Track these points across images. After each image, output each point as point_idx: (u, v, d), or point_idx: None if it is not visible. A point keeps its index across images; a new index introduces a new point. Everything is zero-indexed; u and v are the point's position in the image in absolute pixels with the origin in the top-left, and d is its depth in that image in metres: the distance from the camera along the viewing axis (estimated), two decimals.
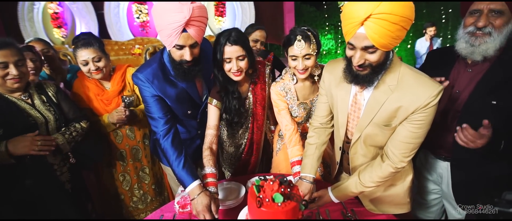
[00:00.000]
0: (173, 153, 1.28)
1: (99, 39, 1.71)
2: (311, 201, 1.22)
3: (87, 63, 1.62)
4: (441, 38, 6.05)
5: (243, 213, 1.14)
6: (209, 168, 1.32)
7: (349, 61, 1.02)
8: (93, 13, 5.34)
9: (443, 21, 7.53)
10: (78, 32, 5.19)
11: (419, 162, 1.53)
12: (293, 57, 1.33)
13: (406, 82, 0.99)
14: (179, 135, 1.37)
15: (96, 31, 5.28)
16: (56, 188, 1.48)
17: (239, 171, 1.75)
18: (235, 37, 1.30)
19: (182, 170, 1.25)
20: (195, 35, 1.20)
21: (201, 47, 1.31)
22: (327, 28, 8.00)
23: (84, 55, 1.60)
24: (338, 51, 8.34)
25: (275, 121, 1.65)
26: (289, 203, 0.85)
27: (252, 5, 6.11)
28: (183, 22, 1.12)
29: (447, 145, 1.31)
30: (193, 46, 1.24)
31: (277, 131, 1.74)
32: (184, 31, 1.16)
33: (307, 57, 1.31)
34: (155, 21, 1.19)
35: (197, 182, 1.23)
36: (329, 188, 1.22)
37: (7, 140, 1.26)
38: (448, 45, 1.33)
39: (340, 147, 1.29)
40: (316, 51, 1.32)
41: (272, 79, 1.63)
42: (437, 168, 1.42)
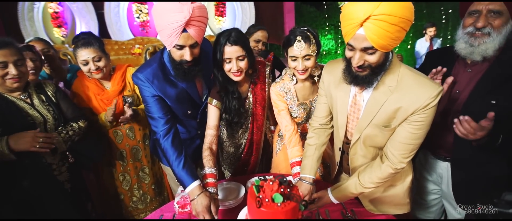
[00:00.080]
0: (173, 153, 1.28)
1: (99, 39, 1.71)
2: (310, 202, 1.22)
3: (87, 63, 1.62)
4: (441, 38, 6.05)
5: (243, 213, 1.14)
6: (209, 169, 1.32)
7: (348, 62, 1.02)
8: (93, 12, 5.34)
9: (443, 21, 7.53)
10: (78, 31, 5.20)
11: (419, 163, 1.53)
12: (293, 58, 1.33)
13: (405, 83, 0.99)
14: (179, 135, 1.37)
15: (96, 31, 5.29)
16: (54, 188, 1.48)
17: (239, 171, 1.75)
18: (235, 37, 1.30)
19: (182, 170, 1.25)
20: (195, 35, 1.20)
21: (201, 47, 1.31)
22: (327, 28, 8.00)
23: (84, 54, 1.60)
24: (338, 52, 8.33)
25: (275, 121, 1.65)
26: (288, 203, 0.85)
27: (252, 5, 6.12)
28: (183, 22, 1.12)
29: (447, 145, 1.31)
30: (193, 46, 1.23)
31: (277, 131, 1.74)
32: (184, 31, 1.16)
33: (307, 57, 1.31)
34: (155, 21, 1.19)
35: (197, 183, 1.23)
36: (329, 189, 1.22)
37: (8, 136, 1.26)
38: (448, 45, 1.33)
39: (339, 148, 1.29)
40: (316, 51, 1.32)
41: (272, 79, 1.63)
42: (437, 168, 1.42)
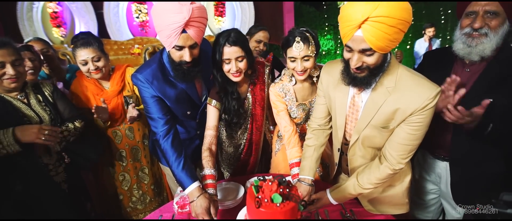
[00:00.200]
0: (172, 154, 1.28)
1: (98, 39, 1.71)
2: (309, 203, 1.22)
3: (86, 63, 1.62)
4: (440, 39, 6.06)
5: (242, 214, 1.14)
6: (208, 170, 1.32)
7: (346, 63, 1.02)
8: (92, 12, 5.33)
9: (442, 22, 7.55)
10: (77, 31, 5.18)
11: (417, 163, 1.53)
12: (292, 59, 1.33)
13: (404, 84, 0.99)
14: (179, 136, 1.37)
15: (95, 31, 5.28)
16: (50, 188, 1.47)
17: (238, 171, 1.75)
18: (234, 37, 1.30)
19: (181, 172, 1.25)
20: (195, 36, 1.19)
21: (200, 48, 1.31)
22: (326, 28, 8.01)
23: (83, 54, 1.60)
24: (337, 52, 8.34)
25: (274, 122, 1.65)
26: (287, 203, 0.86)
27: (251, 5, 6.12)
28: (182, 23, 1.12)
29: (446, 144, 1.32)
30: (192, 47, 1.23)
31: (276, 132, 1.73)
32: (183, 32, 1.16)
33: (305, 58, 1.32)
34: (155, 21, 1.19)
35: (196, 184, 1.23)
36: (328, 190, 1.22)
37: (14, 127, 1.26)
38: (447, 45, 1.34)
39: (338, 149, 1.29)
40: (314, 52, 1.32)
41: (271, 79, 1.63)
42: (436, 168, 1.42)
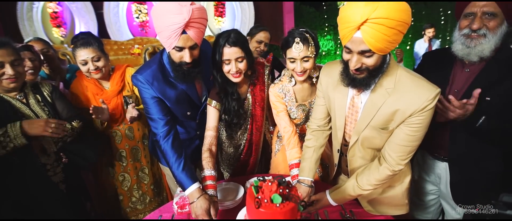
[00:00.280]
0: (173, 155, 1.28)
1: (98, 39, 1.71)
2: (309, 204, 1.22)
3: (86, 63, 1.62)
4: (440, 39, 6.06)
5: (242, 214, 1.14)
6: (208, 170, 1.32)
7: (346, 64, 1.02)
8: (92, 12, 5.34)
9: (442, 22, 7.56)
10: (77, 31, 5.19)
11: (417, 163, 1.53)
12: (292, 60, 1.33)
13: (403, 85, 0.99)
14: (179, 137, 1.37)
15: (95, 31, 5.28)
16: (47, 188, 1.46)
17: (238, 171, 1.75)
18: (234, 38, 1.30)
19: (181, 173, 1.25)
20: (195, 36, 1.19)
21: (200, 48, 1.31)
22: (326, 29, 8.00)
23: (83, 54, 1.60)
24: (337, 52, 8.33)
25: (274, 122, 1.65)
26: (287, 204, 0.86)
27: (251, 6, 6.13)
28: (182, 23, 1.12)
29: (446, 144, 1.32)
30: (192, 47, 1.23)
31: (276, 132, 1.74)
32: (183, 32, 1.16)
33: (305, 59, 1.32)
34: (155, 22, 1.19)
35: (196, 185, 1.23)
36: (327, 191, 1.22)
37: (21, 121, 1.28)
38: (447, 46, 1.35)
39: (338, 150, 1.29)
40: (314, 53, 1.32)
41: (271, 79, 1.63)
42: (435, 169, 1.42)
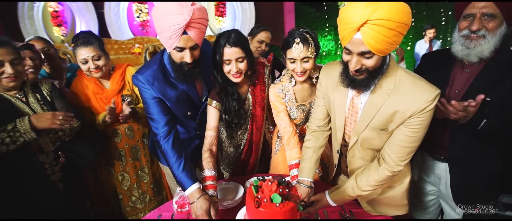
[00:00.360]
0: (173, 155, 1.28)
1: (99, 38, 1.70)
2: (308, 205, 1.22)
3: (86, 62, 1.62)
4: (440, 40, 6.06)
5: (241, 213, 1.15)
6: (208, 171, 1.32)
7: (345, 65, 1.02)
8: (93, 12, 5.33)
9: (442, 23, 7.55)
10: (78, 30, 5.19)
11: (416, 164, 1.54)
12: (292, 60, 1.33)
13: (403, 86, 0.99)
14: (179, 137, 1.37)
15: (96, 30, 5.28)
16: (45, 187, 1.47)
17: (238, 171, 1.76)
18: (234, 38, 1.31)
19: (181, 173, 1.26)
20: (196, 37, 1.19)
21: (201, 48, 1.31)
22: (327, 29, 7.99)
23: (83, 53, 1.61)
24: (338, 53, 8.32)
25: (274, 122, 1.65)
26: (287, 203, 0.86)
27: (252, 6, 6.12)
28: (183, 24, 1.12)
29: (445, 144, 1.32)
30: (193, 48, 1.23)
31: (276, 132, 1.74)
32: (184, 33, 1.16)
33: (305, 60, 1.32)
34: (155, 23, 1.19)
35: (197, 186, 1.23)
36: (327, 192, 1.22)
37: (29, 116, 1.32)
38: (447, 47, 1.36)
39: (337, 150, 1.30)
40: (314, 54, 1.32)
41: (272, 79, 1.63)
42: (435, 169, 1.42)
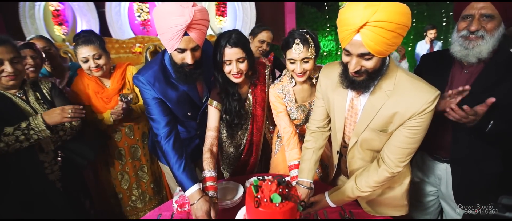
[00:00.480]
0: (173, 156, 1.29)
1: (99, 37, 1.70)
2: (308, 206, 1.22)
3: (87, 60, 1.63)
4: (441, 41, 6.05)
5: (241, 213, 1.15)
6: (209, 172, 1.32)
7: (345, 66, 1.02)
8: (94, 11, 5.33)
9: (443, 24, 7.53)
10: (79, 30, 5.18)
11: (416, 165, 1.53)
12: (291, 61, 1.33)
13: (402, 87, 0.99)
14: (180, 138, 1.37)
15: (97, 29, 5.28)
16: (44, 186, 1.47)
17: (238, 171, 1.76)
18: (235, 39, 1.30)
19: (182, 174, 1.26)
20: (197, 38, 1.19)
21: (202, 49, 1.31)
22: (328, 29, 7.98)
23: (84, 52, 1.61)
24: (338, 53, 8.29)
25: (274, 122, 1.65)
26: (287, 203, 0.86)
27: (253, 5, 6.12)
28: (184, 25, 1.11)
29: (446, 145, 1.32)
30: (194, 49, 1.23)
31: (276, 132, 1.74)
32: (185, 34, 1.15)
33: (305, 60, 1.32)
34: (156, 24, 1.18)
35: (197, 187, 1.24)
36: (326, 193, 1.22)
37: (41, 113, 1.38)
38: (448, 48, 1.37)
39: (337, 151, 1.30)
40: (314, 54, 1.32)
41: (272, 79, 1.63)
42: (436, 170, 1.42)
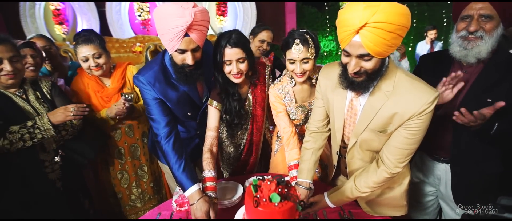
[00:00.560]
0: (173, 156, 1.29)
1: (100, 36, 1.70)
2: (307, 206, 1.22)
3: (87, 60, 1.63)
4: (442, 41, 6.04)
5: (240, 213, 1.15)
6: (208, 172, 1.33)
7: (344, 67, 1.02)
8: (94, 10, 5.34)
9: (444, 24, 7.53)
10: (79, 29, 5.20)
11: (415, 165, 1.53)
12: (291, 61, 1.33)
13: (401, 88, 0.99)
14: (180, 138, 1.37)
15: (97, 29, 5.29)
16: (44, 185, 1.47)
17: (238, 171, 1.76)
18: (235, 39, 1.30)
19: (182, 174, 1.26)
20: (197, 39, 1.19)
21: (202, 49, 1.30)
22: (328, 29, 7.97)
23: (84, 51, 1.61)
24: (338, 53, 8.29)
25: (274, 122, 1.65)
26: (286, 203, 0.86)
27: (253, 5, 6.13)
28: (185, 26, 1.11)
29: (446, 145, 1.32)
30: (195, 50, 1.23)
31: (275, 132, 1.74)
32: (186, 35, 1.15)
33: (305, 61, 1.32)
34: (157, 25, 1.18)
35: (196, 187, 1.24)
36: (325, 193, 1.22)
37: (47, 112, 1.42)
38: (448, 48, 1.37)
39: (337, 151, 1.30)
40: (314, 54, 1.32)
41: (272, 79, 1.63)
42: (435, 170, 1.42)
